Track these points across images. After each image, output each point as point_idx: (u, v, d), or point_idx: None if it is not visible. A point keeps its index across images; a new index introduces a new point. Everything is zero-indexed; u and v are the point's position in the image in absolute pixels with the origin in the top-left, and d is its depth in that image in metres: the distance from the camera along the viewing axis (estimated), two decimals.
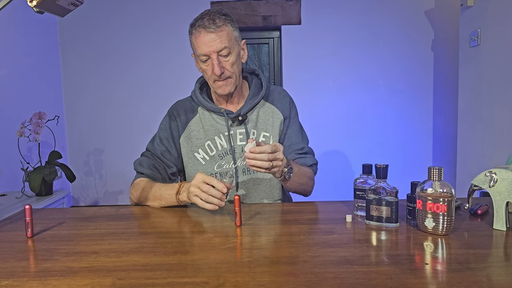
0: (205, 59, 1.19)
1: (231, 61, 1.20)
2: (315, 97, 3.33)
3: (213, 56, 1.17)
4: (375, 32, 3.26)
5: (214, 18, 1.16)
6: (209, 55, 1.18)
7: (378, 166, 0.97)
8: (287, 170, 1.12)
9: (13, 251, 0.85)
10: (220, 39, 1.16)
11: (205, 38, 1.16)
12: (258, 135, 1.31)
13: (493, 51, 2.32)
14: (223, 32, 1.17)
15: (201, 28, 1.16)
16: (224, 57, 1.19)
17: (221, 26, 1.17)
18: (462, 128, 2.68)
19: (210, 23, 1.15)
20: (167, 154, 1.30)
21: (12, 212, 1.94)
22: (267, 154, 1.01)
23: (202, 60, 1.20)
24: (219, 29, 1.16)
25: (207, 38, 1.16)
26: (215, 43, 1.16)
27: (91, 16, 3.28)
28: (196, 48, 1.19)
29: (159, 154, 1.30)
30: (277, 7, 3.25)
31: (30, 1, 0.89)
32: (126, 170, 3.40)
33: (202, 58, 1.19)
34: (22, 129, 2.32)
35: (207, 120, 1.30)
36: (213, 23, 1.15)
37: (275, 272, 0.72)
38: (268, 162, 1.02)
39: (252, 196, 1.30)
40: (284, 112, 1.34)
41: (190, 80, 3.28)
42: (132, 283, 0.68)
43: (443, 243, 0.85)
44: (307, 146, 1.38)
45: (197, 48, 1.18)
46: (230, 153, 1.28)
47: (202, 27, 1.16)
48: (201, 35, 1.16)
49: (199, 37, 1.17)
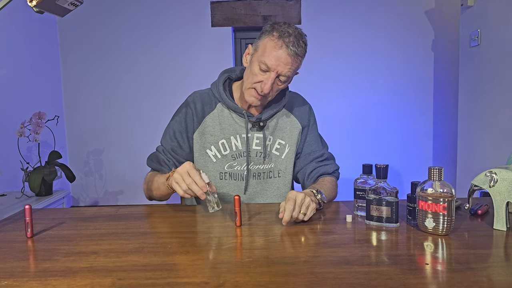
0: (265, 68, 1.15)
1: (281, 87, 1.20)
2: (315, 97, 3.31)
3: (273, 74, 1.14)
4: (375, 32, 3.26)
5: (299, 43, 1.14)
6: (271, 70, 1.14)
7: (378, 166, 0.97)
8: (320, 197, 1.09)
9: (13, 251, 0.85)
10: (290, 66, 1.14)
11: (281, 54, 1.12)
12: (273, 142, 1.30)
13: (493, 51, 2.32)
14: (297, 63, 1.16)
15: (283, 43, 1.12)
16: (279, 81, 1.17)
17: (299, 57, 1.15)
18: (462, 128, 2.68)
19: (294, 45, 1.13)
20: (178, 149, 1.28)
21: (12, 212, 1.93)
22: (291, 211, 0.96)
23: (261, 68, 1.15)
24: (296, 57, 1.14)
25: (283, 57, 1.13)
26: (285, 67, 1.14)
27: (91, 16, 3.28)
28: (264, 54, 1.14)
29: (170, 149, 1.28)
30: (277, 7, 3.25)
31: (30, 1, 0.89)
32: (126, 170, 3.40)
33: (262, 66, 1.14)
34: (22, 129, 2.32)
35: (225, 118, 1.28)
36: (296, 47, 1.13)
37: (275, 272, 0.71)
38: (300, 213, 0.98)
39: (259, 200, 1.30)
40: (303, 121, 1.34)
41: (190, 79, 3.29)
42: (132, 283, 0.68)
43: (443, 243, 0.85)
44: (327, 152, 1.37)
45: (266, 55, 1.14)
46: (244, 156, 1.27)
47: (285, 43, 1.12)
48: (280, 49, 1.13)
49: (276, 48, 1.13)
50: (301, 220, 0.99)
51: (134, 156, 3.37)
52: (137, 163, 3.36)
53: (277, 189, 1.31)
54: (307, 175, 1.31)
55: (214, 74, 1.46)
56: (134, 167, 3.38)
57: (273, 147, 1.30)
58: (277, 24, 1.16)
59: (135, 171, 3.38)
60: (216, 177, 1.28)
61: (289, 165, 1.32)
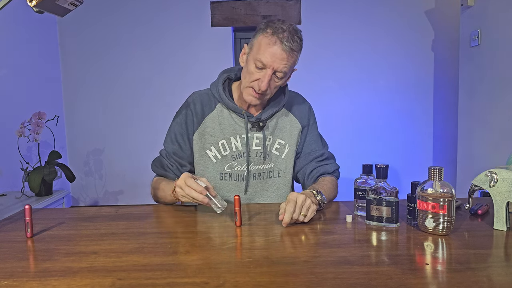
0: (261, 66, 1.14)
1: (279, 84, 1.19)
2: (315, 97, 3.31)
3: (269, 71, 1.14)
4: (375, 32, 3.26)
5: (293, 39, 1.13)
6: (266, 67, 1.14)
7: (378, 166, 0.96)
8: (320, 198, 1.09)
9: (12, 251, 0.85)
10: (286, 62, 1.14)
11: (276, 51, 1.12)
12: (273, 142, 1.30)
13: (493, 51, 2.32)
14: (292, 58, 1.15)
15: (277, 39, 1.12)
16: (276, 77, 1.17)
17: (294, 52, 1.14)
18: (462, 128, 2.68)
19: (288, 40, 1.12)
20: (180, 152, 1.28)
21: (11, 212, 1.93)
22: (291, 213, 0.96)
23: (257, 66, 1.14)
24: (292, 52, 1.13)
25: (278, 53, 1.12)
26: (281, 63, 1.13)
27: (91, 16, 3.28)
28: (259, 51, 1.13)
29: (172, 153, 1.28)
30: (277, 6, 3.25)
31: (30, 1, 0.89)
32: (126, 170, 3.40)
33: (258, 64, 1.14)
34: (21, 129, 2.32)
35: (225, 118, 1.27)
36: (291, 43, 1.12)
37: (275, 272, 0.71)
38: (301, 215, 0.98)
39: (259, 200, 1.30)
40: (303, 121, 1.33)
41: (190, 79, 3.29)
42: (132, 283, 0.68)
43: (443, 243, 0.85)
44: (327, 152, 1.37)
45: (261, 52, 1.13)
46: (244, 156, 1.27)
47: (279, 39, 1.11)
48: (274, 46, 1.12)
49: (270, 45, 1.12)
50: (301, 221, 0.99)
51: (134, 156, 3.37)
52: (137, 163, 3.36)
53: (277, 189, 1.30)
54: (307, 174, 1.31)
55: (214, 74, 1.46)
56: (134, 167, 3.38)
57: (273, 147, 1.30)
58: (270, 22, 1.16)
59: (135, 171, 3.38)
60: (216, 177, 1.28)
61: (289, 165, 1.32)
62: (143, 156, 3.31)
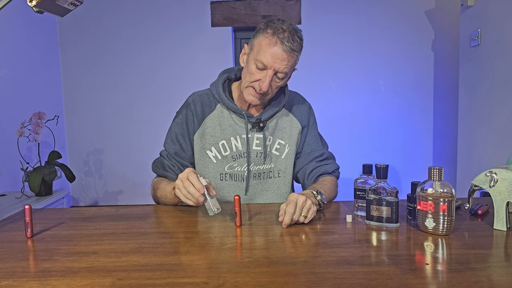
0: (261, 67, 1.14)
1: (280, 84, 1.19)
2: (315, 97, 3.31)
3: (270, 72, 1.14)
4: (375, 32, 3.26)
5: (294, 39, 1.12)
6: (267, 68, 1.14)
7: (378, 166, 0.96)
8: (320, 198, 1.09)
9: (12, 251, 0.85)
10: (287, 62, 1.13)
11: (276, 51, 1.11)
12: (273, 142, 1.30)
13: (493, 51, 2.32)
14: (293, 58, 1.15)
15: (277, 39, 1.11)
16: (277, 78, 1.17)
17: (295, 52, 1.14)
18: (462, 128, 2.68)
19: (288, 41, 1.11)
20: (181, 153, 1.28)
21: (11, 212, 1.93)
22: (291, 214, 0.96)
23: (258, 66, 1.14)
24: (292, 53, 1.13)
25: (278, 53, 1.11)
26: (282, 63, 1.13)
27: (91, 16, 3.28)
28: (260, 52, 1.13)
29: (173, 153, 1.28)
30: (277, 6, 3.25)
31: (30, 1, 0.89)
32: (126, 170, 3.40)
33: (259, 65, 1.13)
34: (21, 129, 2.32)
35: (225, 119, 1.27)
36: (291, 43, 1.12)
37: (275, 272, 0.71)
38: (301, 216, 0.98)
39: (259, 200, 1.30)
40: (303, 121, 1.33)
41: (190, 79, 3.29)
42: (132, 283, 0.68)
43: (443, 243, 0.85)
44: (327, 151, 1.37)
45: (262, 53, 1.13)
46: (244, 156, 1.27)
47: (279, 39, 1.11)
48: (275, 46, 1.11)
49: (271, 46, 1.12)
50: (301, 222, 0.99)
51: (134, 156, 3.37)
52: (137, 163, 3.36)
53: (277, 189, 1.30)
54: (307, 174, 1.31)
55: (214, 74, 1.46)
56: (134, 167, 3.38)
57: (273, 147, 1.30)
58: (270, 22, 1.16)
59: (135, 171, 3.38)
60: (217, 178, 1.27)
61: (289, 165, 1.32)
62: (143, 156, 3.31)
